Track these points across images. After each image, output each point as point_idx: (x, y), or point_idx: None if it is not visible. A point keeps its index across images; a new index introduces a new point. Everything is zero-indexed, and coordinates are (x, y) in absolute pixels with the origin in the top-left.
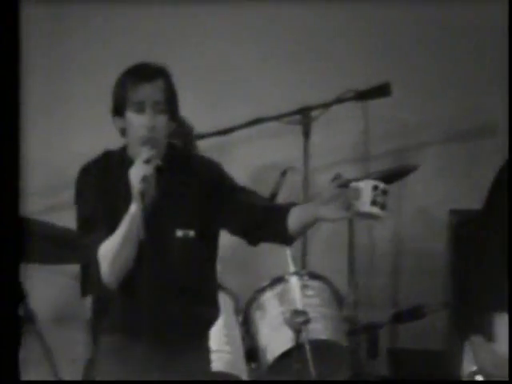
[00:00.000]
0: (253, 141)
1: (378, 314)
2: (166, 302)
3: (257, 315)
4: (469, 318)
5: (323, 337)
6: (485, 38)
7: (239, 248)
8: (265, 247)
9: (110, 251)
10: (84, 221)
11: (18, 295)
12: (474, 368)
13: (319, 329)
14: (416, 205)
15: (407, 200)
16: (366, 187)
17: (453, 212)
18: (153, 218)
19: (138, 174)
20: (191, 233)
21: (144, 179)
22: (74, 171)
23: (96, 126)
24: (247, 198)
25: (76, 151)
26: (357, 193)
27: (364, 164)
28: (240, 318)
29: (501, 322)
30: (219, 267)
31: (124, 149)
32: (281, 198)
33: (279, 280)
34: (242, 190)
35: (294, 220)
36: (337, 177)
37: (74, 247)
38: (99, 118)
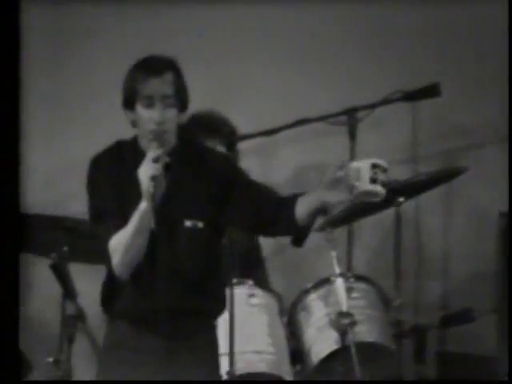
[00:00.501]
0: (297, 142)
1: (426, 317)
2: (173, 290)
3: (302, 316)
4: None
5: (369, 339)
6: None
7: (284, 249)
8: (310, 249)
9: (121, 245)
10: (96, 210)
11: (69, 294)
12: None
13: (365, 331)
14: (466, 207)
15: (457, 202)
16: (364, 166)
17: (503, 215)
18: (163, 208)
19: (147, 173)
20: (200, 224)
21: (153, 178)
22: None
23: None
24: (259, 193)
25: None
26: (357, 173)
27: (412, 165)
28: (284, 319)
29: None
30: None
31: (135, 139)
32: None
33: (324, 282)
34: (255, 184)
35: (300, 209)
36: (342, 164)
37: None
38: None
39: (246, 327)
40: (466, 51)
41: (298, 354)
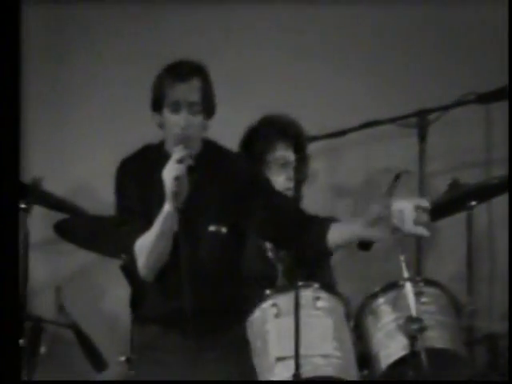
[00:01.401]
0: (366, 144)
1: (500, 324)
2: (196, 292)
3: (369, 321)
4: None
5: (440, 345)
6: None
7: (352, 252)
8: (378, 252)
9: (146, 247)
10: (122, 213)
11: None
12: None
13: (435, 337)
14: None
15: None
16: (407, 207)
17: None
18: (187, 212)
19: (170, 174)
20: (223, 229)
21: (176, 179)
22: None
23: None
24: (282, 207)
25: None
26: (400, 214)
27: (485, 169)
28: (351, 323)
29: None
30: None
31: (162, 143)
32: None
33: (393, 286)
34: (279, 197)
35: (333, 237)
36: (397, 176)
37: None
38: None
39: (312, 330)
40: None
41: (364, 358)
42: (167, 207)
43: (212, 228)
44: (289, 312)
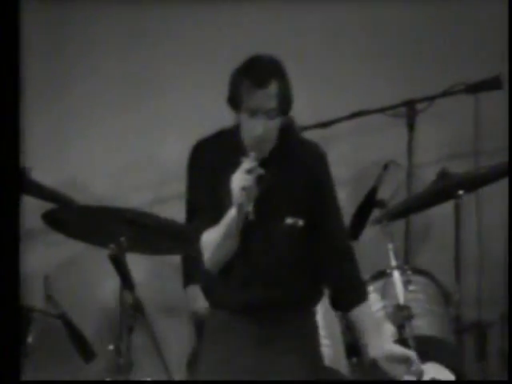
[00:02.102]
0: (355, 134)
1: (488, 313)
2: (269, 283)
3: None
4: None
5: (428, 333)
6: None
7: None
8: (366, 241)
9: (212, 243)
10: (191, 203)
11: (126, 285)
12: None
13: (423, 325)
14: None
15: None
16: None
17: None
18: (262, 203)
19: (238, 183)
20: (300, 222)
21: (244, 189)
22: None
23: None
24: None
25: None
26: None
27: (473, 159)
28: (339, 312)
29: None
30: None
31: (237, 128)
32: (382, 193)
33: (381, 274)
34: (336, 199)
35: (356, 315)
36: (386, 166)
37: (179, 238)
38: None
39: None
40: None
41: (353, 347)
42: (232, 212)
43: (289, 221)
44: None
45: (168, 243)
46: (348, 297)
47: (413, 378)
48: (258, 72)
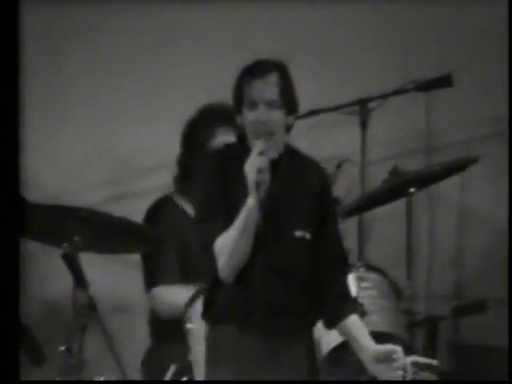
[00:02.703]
0: (310, 132)
1: (439, 308)
2: (278, 294)
3: None
4: None
5: (381, 329)
6: None
7: None
8: None
9: (227, 245)
10: (203, 211)
11: (80, 283)
12: None
13: (376, 321)
14: (479, 197)
15: (470, 192)
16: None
17: None
18: (272, 214)
19: (252, 166)
20: (308, 235)
21: (259, 171)
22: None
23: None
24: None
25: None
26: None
27: (425, 156)
28: None
29: None
30: None
31: (243, 142)
32: (336, 191)
33: None
34: (335, 229)
35: (351, 329)
36: (339, 165)
37: (137, 237)
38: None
39: None
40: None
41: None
42: (250, 201)
43: (298, 233)
44: None
45: (123, 242)
46: (341, 307)
47: (399, 372)
48: (258, 65)
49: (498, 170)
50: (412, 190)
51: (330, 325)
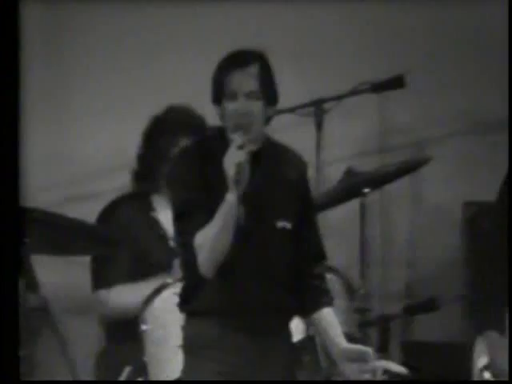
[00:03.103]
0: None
1: (392, 306)
2: (261, 288)
3: None
4: (484, 313)
5: None
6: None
7: None
8: None
9: (207, 240)
10: (181, 206)
11: (31, 286)
12: (485, 362)
13: None
14: (431, 196)
15: (422, 192)
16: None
17: (468, 204)
18: (252, 206)
19: (231, 160)
20: (288, 225)
21: (238, 165)
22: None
23: (96, 126)
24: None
25: (75, 149)
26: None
27: (378, 157)
28: None
29: None
30: None
31: (220, 133)
32: None
33: None
34: (315, 215)
35: (323, 321)
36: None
37: (91, 239)
38: (100, 118)
39: None
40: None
41: None
42: (230, 196)
43: (280, 224)
44: None
45: (77, 244)
46: (316, 298)
47: (368, 374)
48: (237, 55)
49: (450, 170)
50: (366, 190)
51: (304, 314)
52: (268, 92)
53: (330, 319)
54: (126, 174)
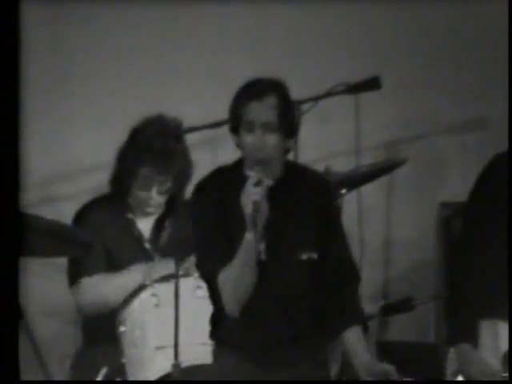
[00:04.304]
0: None
1: (368, 307)
2: (286, 323)
3: None
4: (456, 321)
5: None
6: (479, 32)
7: None
8: None
9: (230, 280)
10: (201, 243)
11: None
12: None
13: None
14: (407, 197)
15: (398, 192)
16: None
17: (443, 205)
18: (275, 242)
19: (248, 198)
20: (314, 255)
21: (255, 204)
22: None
23: (96, 126)
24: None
25: (75, 149)
26: None
27: (355, 157)
28: None
29: (486, 329)
30: None
31: (236, 164)
32: None
33: None
34: (343, 236)
35: (350, 340)
36: None
37: (68, 240)
38: (99, 118)
39: (193, 320)
40: (408, 44)
41: None
42: (248, 235)
43: (304, 256)
44: (168, 301)
45: (55, 245)
46: (344, 316)
47: None
48: (255, 85)
49: (424, 170)
50: (343, 191)
51: (330, 336)
52: (285, 123)
53: (356, 335)
54: (100, 175)
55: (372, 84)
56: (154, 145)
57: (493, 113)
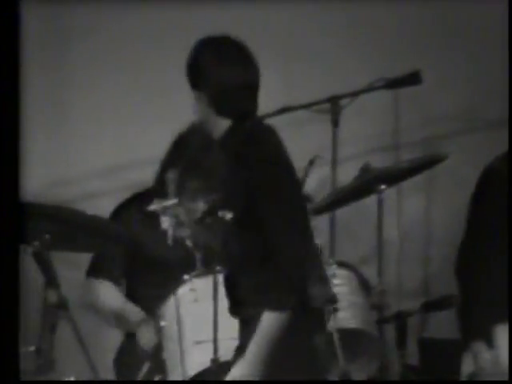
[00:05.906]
0: (281, 129)
1: (409, 303)
2: None
3: None
4: (472, 325)
5: (352, 325)
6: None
7: None
8: None
9: None
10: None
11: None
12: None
13: (347, 317)
14: (447, 193)
15: (438, 188)
16: None
17: None
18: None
19: None
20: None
21: None
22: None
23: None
24: None
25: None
26: None
27: (394, 153)
28: None
29: (502, 332)
30: None
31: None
32: (308, 187)
33: None
34: None
35: None
36: (311, 161)
37: (105, 235)
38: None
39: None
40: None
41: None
42: None
43: None
44: (206, 296)
45: (94, 240)
46: None
47: None
48: None
49: (465, 166)
50: (383, 186)
51: None
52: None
53: None
54: (125, 174)
55: (412, 79)
56: (201, 161)
57: None
